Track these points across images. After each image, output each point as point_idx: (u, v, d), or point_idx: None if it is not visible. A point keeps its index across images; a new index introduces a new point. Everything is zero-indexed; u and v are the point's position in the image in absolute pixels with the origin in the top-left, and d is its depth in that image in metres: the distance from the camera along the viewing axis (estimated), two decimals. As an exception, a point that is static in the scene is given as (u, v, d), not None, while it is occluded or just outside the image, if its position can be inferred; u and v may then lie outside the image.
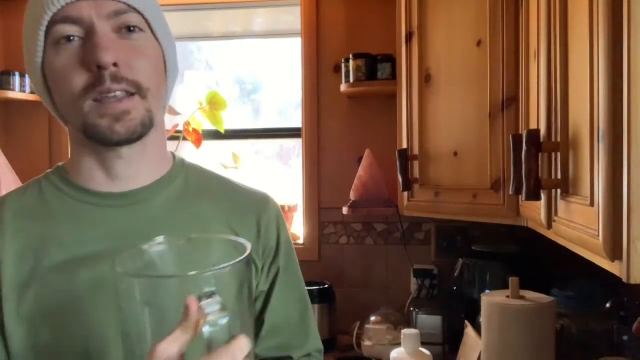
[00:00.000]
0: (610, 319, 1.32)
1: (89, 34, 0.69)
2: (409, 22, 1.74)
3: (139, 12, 0.73)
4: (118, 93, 0.69)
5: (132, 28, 0.72)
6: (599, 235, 0.67)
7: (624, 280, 0.63)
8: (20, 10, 2.53)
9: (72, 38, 0.70)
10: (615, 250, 0.64)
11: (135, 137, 0.72)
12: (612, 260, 0.66)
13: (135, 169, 0.78)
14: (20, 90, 2.40)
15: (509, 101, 1.37)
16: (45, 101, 0.78)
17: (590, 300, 1.45)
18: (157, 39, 0.76)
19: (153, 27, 0.75)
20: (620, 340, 1.26)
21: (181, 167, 0.84)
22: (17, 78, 2.39)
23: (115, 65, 0.68)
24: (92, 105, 0.69)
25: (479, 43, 1.47)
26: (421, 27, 1.69)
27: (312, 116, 2.29)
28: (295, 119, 2.49)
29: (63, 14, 0.69)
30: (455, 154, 1.55)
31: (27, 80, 2.43)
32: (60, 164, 0.82)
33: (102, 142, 0.72)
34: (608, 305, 1.34)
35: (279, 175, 2.57)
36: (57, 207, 0.77)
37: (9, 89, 2.37)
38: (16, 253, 0.73)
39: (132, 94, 0.71)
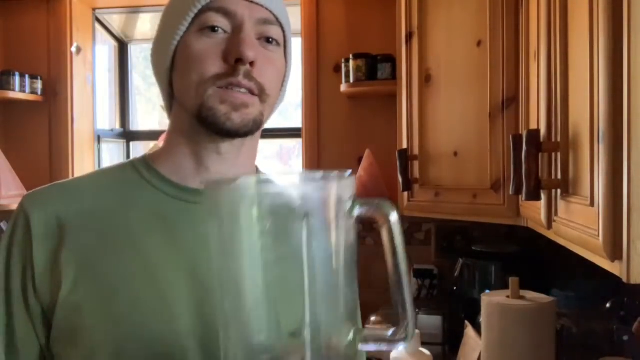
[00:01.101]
0: (610, 319, 1.32)
1: (236, 30, 0.73)
2: (409, 22, 1.74)
3: (282, 28, 0.78)
4: (243, 90, 0.73)
5: (270, 40, 0.76)
6: (599, 235, 0.67)
7: (624, 280, 0.63)
8: (21, 10, 2.53)
9: (217, 29, 0.73)
10: (615, 250, 0.64)
11: (245, 131, 0.74)
12: (612, 260, 0.66)
13: (226, 168, 0.79)
14: (20, 90, 2.40)
15: (509, 101, 1.37)
16: (161, 80, 0.80)
17: (590, 300, 1.45)
18: (285, 57, 0.80)
19: (287, 45, 0.80)
20: (620, 340, 1.26)
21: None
22: (17, 78, 2.39)
23: (251, 64, 0.72)
24: (216, 90, 0.72)
25: (479, 43, 1.47)
26: (421, 27, 1.69)
27: (312, 116, 2.29)
28: (295, 119, 2.49)
29: (219, 4, 0.73)
30: (455, 154, 1.55)
31: (27, 80, 2.43)
32: (146, 153, 0.83)
33: (213, 127, 0.73)
34: (608, 305, 1.34)
35: (279, 175, 2.56)
36: (133, 192, 0.78)
37: (9, 89, 2.37)
38: (82, 229, 0.74)
39: (254, 95, 0.74)
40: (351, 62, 2.10)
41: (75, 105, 2.53)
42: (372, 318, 1.97)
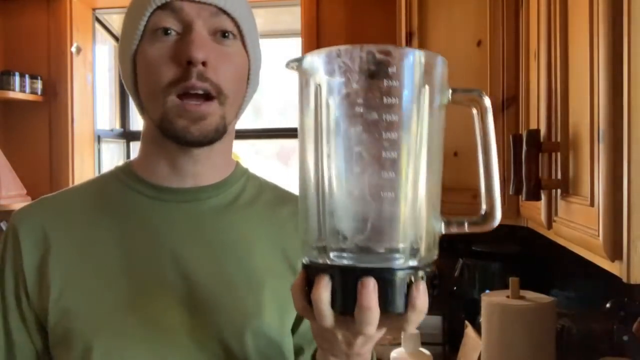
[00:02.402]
0: (610, 319, 1.32)
1: (186, 31, 0.72)
2: (409, 22, 1.74)
3: (234, 20, 0.76)
4: (200, 92, 0.72)
5: (226, 34, 0.75)
6: (599, 235, 0.67)
7: (624, 280, 0.63)
8: (21, 10, 2.53)
9: (169, 32, 0.72)
10: (615, 250, 0.64)
11: (206, 141, 0.74)
12: (612, 260, 0.66)
13: (200, 169, 0.79)
14: (20, 90, 2.40)
15: (509, 101, 1.37)
16: (129, 89, 0.80)
17: (590, 300, 1.45)
18: (246, 49, 0.78)
19: (245, 37, 0.78)
20: (620, 340, 1.26)
21: (241, 175, 0.86)
22: (17, 78, 2.39)
23: (203, 64, 0.71)
24: (174, 101, 0.71)
25: (479, 43, 1.47)
26: (421, 27, 1.69)
27: (312, 116, 2.29)
28: (295, 119, 2.49)
29: (165, 2, 0.72)
30: (455, 154, 1.55)
31: (27, 80, 2.43)
32: (129, 160, 0.85)
33: (175, 140, 0.74)
34: (608, 305, 1.34)
35: (279, 175, 2.57)
36: (114, 197, 0.80)
37: (9, 89, 2.37)
38: (67, 237, 0.76)
39: (212, 98, 0.73)
40: (351, 62, 2.10)
41: (75, 105, 2.53)
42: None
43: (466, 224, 0.57)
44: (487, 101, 0.54)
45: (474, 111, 0.55)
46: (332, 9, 2.28)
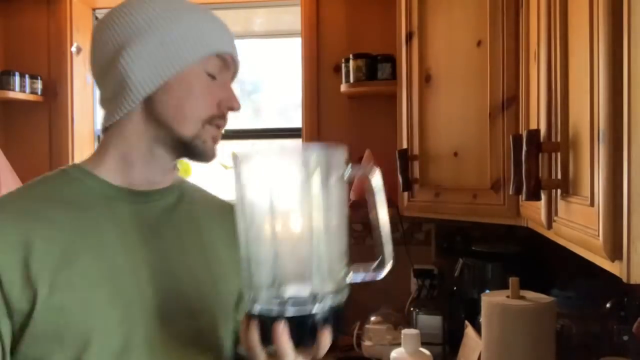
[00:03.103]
0: (610, 319, 1.32)
1: (226, 79, 0.91)
2: (409, 22, 1.74)
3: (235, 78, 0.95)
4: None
5: None
6: (599, 235, 0.67)
7: (624, 280, 0.63)
8: (21, 10, 2.52)
9: (214, 78, 0.88)
10: (615, 250, 0.64)
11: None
12: (612, 260, 0.66)
13: (162, 176, 0.92)
14: (20, 90, 2.40)
15: (509, 101, 1.37)
16: (139, 93, 0.84)
17: (590, 300, 1.44)
18: None
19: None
20: (620, 340, 1.26)
21: (180, 180, 1.00)
22: (17, 78, 2.39)
23: None
24: (208, 128, 0.88)
25: (479, 43, 1.47)
26: (421, 27, 1.69)
27: (312, 116, 2.29)
28: (295, 119, 2.49)
29: (222, 52, 0.88)
30: (455, 154, 1.55)
31: (27, 80, 2.43)
32: (76, 162, 0.91)
33: (200, 156, 0.89)
34: (608, 305, 1.34)
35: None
36: (78, 197, 0.85)
37: (9, 89, 2.37)
38: (47, 239, 0.79)
39: None
40: (351, 62, 2.10)
41: (75, 105, 2.53)
42: (372, 318, 1.97)
43: (367, 274, 0.72)
44: (374, 171, 0.72)
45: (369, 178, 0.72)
46: (332, 9, 2.28)
